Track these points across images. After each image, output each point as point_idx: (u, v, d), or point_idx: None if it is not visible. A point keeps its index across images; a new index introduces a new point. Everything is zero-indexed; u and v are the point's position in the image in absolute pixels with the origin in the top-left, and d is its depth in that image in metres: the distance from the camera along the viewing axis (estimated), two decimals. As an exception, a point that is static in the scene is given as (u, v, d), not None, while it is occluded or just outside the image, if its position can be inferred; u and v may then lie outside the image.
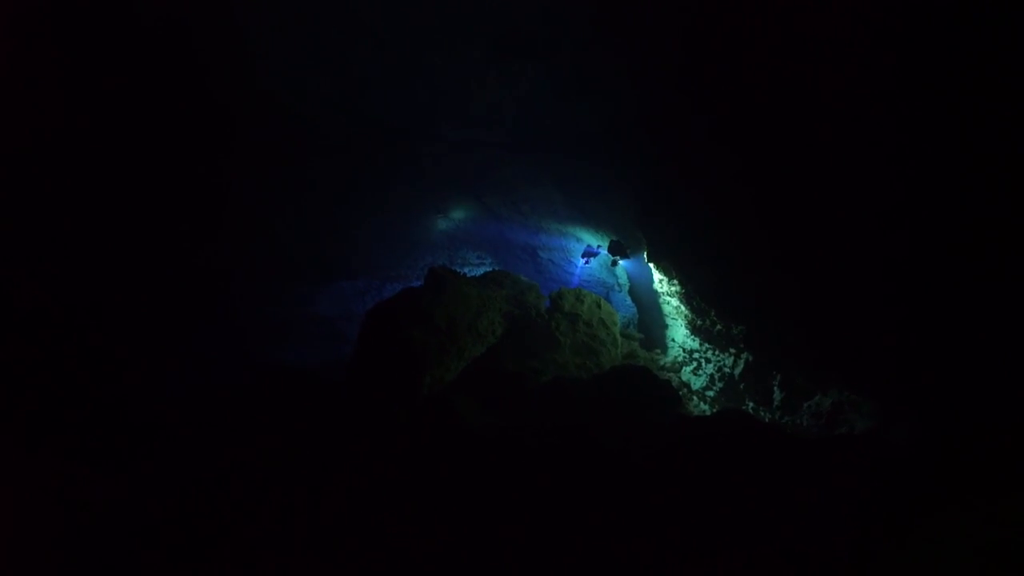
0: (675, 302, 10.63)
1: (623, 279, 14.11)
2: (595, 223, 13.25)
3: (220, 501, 5.30)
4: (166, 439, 6.85)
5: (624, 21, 7.91)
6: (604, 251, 12.99)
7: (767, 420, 8.09)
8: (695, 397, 9.61)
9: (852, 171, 5.80)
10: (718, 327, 9.09)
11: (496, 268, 15.17)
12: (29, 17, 7.63)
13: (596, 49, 8.57)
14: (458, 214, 15.01)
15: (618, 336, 11.29)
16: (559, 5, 8.10)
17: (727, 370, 9.14)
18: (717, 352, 9.45)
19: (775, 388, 8.27)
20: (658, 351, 11.69)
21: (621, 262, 12.94)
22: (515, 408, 8.35)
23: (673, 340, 11.23)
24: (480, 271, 14.97)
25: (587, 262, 14.03)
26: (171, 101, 9.45)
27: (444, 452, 6.41)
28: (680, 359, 10.86)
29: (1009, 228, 4.69)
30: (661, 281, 10.85)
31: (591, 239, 13.95)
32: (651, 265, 11.44)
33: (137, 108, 9.27)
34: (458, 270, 13.26)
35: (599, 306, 11.11)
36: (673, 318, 11.04)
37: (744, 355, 8.89)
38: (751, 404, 8.66)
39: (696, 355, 10.12)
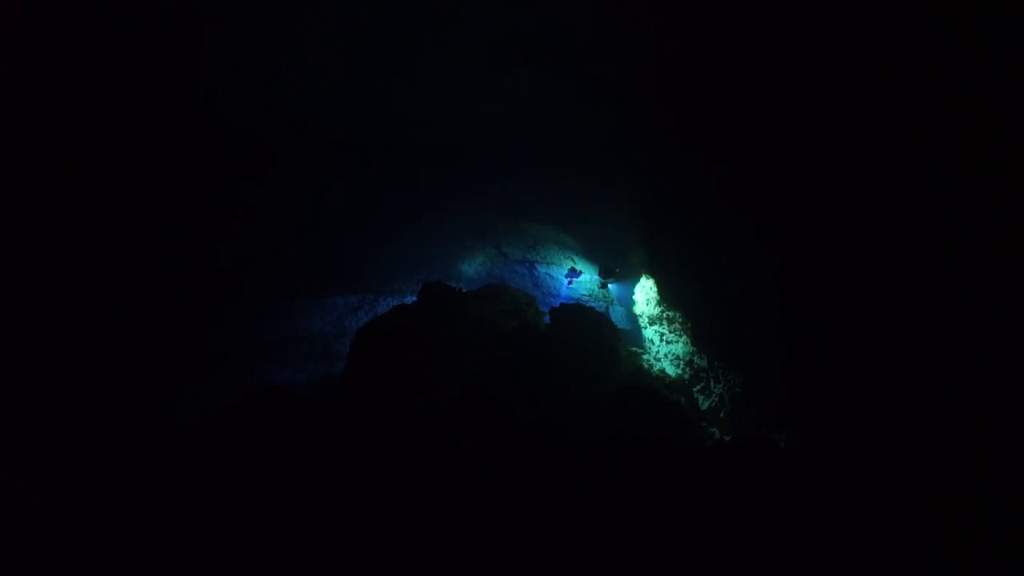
0: (680, 318, 10.22)
1: (621, 294, 13.85)
2: (591, 239, 12.93)
3: (210, 521, 5.02)
4: (154, 467, 6.49)
5: (624, 28, 7.62)
6: (591, 274, 12.85)
7: (783, 444, 7.63)
8: (705, 420, 9.15)
9: (859, 185, 5.45)
10: (727, 345, 8.67)
11: (493, 281, 14.77)
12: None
13: (598, 58, 8.27)
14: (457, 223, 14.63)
15: (621, 353, 10.86)
16: (559, 12, 7.81)
17: (737, 390, 8.68)
18: (726, 371, 9.00)
19: (788, 408, 7.81)
20: (662, 368, 11.24)
21: (611, 285, 12.68)
22: (513, 432, 7.88)
23: (678, 357, 10.78)
24: (477, 285, 14.57)
25: (570, 282, 13.99)
26: (182, 115, 9.03)
27: (437, 478, 6.00)
28: (686, 377, 10.40)
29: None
30: (664, 297, 10.45)
31: (584, 258, 13.72)
32: (652, 281, 11.07)
33: (148, 120, 8.86)
34: (454, 285, 12.86)
35: (601, 323, 10.70)
36: (679, 334, 10.61)
37: (754, 374, 8.45)
38: (764, 427, 8.19)
39: (703, 374, 9.67)
